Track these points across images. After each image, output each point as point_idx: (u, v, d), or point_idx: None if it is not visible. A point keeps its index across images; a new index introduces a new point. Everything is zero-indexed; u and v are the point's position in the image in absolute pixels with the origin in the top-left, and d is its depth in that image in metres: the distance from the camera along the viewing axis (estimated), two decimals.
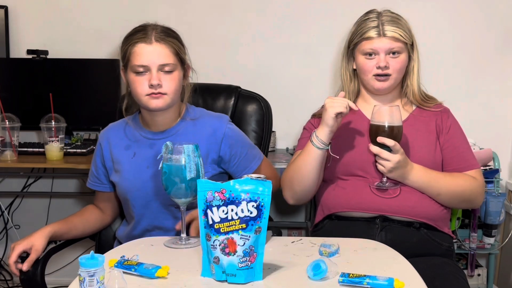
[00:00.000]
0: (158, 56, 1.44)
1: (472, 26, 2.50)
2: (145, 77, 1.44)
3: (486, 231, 2.36)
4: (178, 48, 1.48)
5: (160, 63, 1.44)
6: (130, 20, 1.44)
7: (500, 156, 2.38)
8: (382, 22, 1.63)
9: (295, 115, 2.59)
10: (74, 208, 2.70)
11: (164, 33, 1.47)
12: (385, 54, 1.63)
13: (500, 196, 2.29)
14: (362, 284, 1.09)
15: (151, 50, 1.43)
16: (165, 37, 1.46)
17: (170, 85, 1.46)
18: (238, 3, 2.54)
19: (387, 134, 1.51)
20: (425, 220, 1.60)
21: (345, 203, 1.63)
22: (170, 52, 1.46)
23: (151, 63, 1.43)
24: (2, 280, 2.73)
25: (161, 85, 1.45)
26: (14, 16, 2.58)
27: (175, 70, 1.48)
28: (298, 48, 2.55)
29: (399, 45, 1.63)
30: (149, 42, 1.44)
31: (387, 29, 1.62)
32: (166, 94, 1.46)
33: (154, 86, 1.44)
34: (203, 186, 1.14)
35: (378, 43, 1.62)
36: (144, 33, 1.45)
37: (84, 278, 1.00)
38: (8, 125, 2.25)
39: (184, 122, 1.58)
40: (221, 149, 1.56)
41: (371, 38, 1.62)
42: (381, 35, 1.62)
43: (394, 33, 1.62)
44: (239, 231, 1.11)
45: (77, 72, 2.51)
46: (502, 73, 2.53)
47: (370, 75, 1.66)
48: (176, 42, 1.49)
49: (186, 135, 1.55)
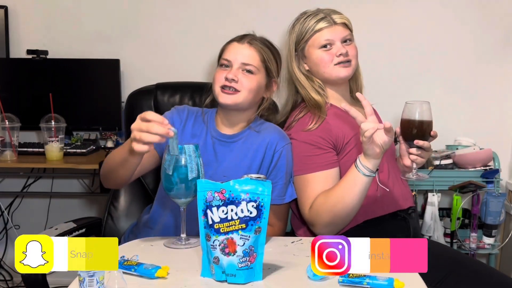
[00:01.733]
0: (243, 55, 1.52)
1: (472, 26, 2.50)
2: (226, 71, 1.52)
3: (486, 231, 2.36)
4: (267, 57, 1.56)
5: (242, 61, 1.52)
6: (130, 20, 1.45)
7: (500, 156, 2.38)
8: (327, 13, 1.62)
9: None
10: (74, 208, 2.70)
11: (259, 41, 1.57)
12: (340, 42, 1.61)
13: (500, 196, 2.29)
14: (362, 284, 1.09)
15: (239, 49, 1.53)
16: (258, 43, 1.55)
17: (246, 84, 1.51)
18: (237, 3, 2.54)
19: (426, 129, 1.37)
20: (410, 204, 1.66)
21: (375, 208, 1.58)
22: (257, 56, 1.54)
23: (234, 59, 1.52)
24: (2, 280, 2.73)
25: (237, 81, 1.51)
26: (14, 16, 2.57)
27: (256, 73, 1.54)
28: None
29: (349, 32, 1.64)
30: (241, 42, 1.55)
31: (335, 17, 1.61)
32: (239, 91, 1.52)
33: (229, 79, 1.50)
34: (203, 186, 1.14)
35: (331, 32, 1.60)
36: (242, 36, 1.57)
37: (84, 278, 1.00)
38: (8, 125, 2.25)
39: (249, 130, 1.59)
40: (273, 159, 1.54)
41: (323, 29, 1.60)
42: (332, 23, 1.60)
43: (343, 19, 1.62)
44: (239, 231, 1.11)
45: (77, 72, 2.50)
46: (502, 73, 2.53)
47: (332, 65, 1.61)
48: (268, 52, 1.56)
49: (247, 144, 1.56)
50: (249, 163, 1.54)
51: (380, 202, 1.59)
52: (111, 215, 1.84)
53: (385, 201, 1.59)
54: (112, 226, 1.83)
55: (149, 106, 1.92)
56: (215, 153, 1.58)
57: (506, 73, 2.53)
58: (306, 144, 1.55)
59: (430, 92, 2.00)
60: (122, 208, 1.86)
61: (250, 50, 1.53)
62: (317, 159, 1.53)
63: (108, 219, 1.84)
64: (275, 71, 1.60)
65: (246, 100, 1.53)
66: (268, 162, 1.54)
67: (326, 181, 1.51)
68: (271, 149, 1.54)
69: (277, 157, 1.54)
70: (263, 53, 1.55)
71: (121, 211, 1.86)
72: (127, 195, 1.89)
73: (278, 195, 1.55)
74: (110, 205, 1.86)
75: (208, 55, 2.50)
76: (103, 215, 1.86)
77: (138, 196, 1.90)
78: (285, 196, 1.56)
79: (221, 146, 1.58)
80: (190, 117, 1.61)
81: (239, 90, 1.51)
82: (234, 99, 1.52)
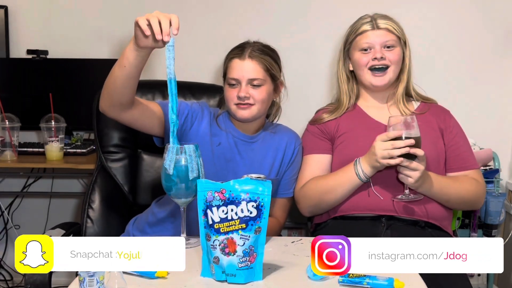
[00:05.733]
0: (248, 71, 1.59)
1: (472, 26, 2.50)
2: (236, 89, 1.60)
3: (486, 231, 2.35)
4: (269, 65, 1.62)
5: (249, 77, 1.58)
6: (130, 20, 1.45)
7: (500, 156, 2.38)
8: (374, 18, 1.68)
9: (295, 116, 2.59)
10: (74, 208, 2.70)
11: (259, 51, 1.62)
12: (380, 47, 1.64)
13: (500, 196, 2.29)
14: (362, 284, 1.09)
15: (243, 65, 1.59)
16: (258, 55, 1.61)
17: (257, 97, 1.60)
18: (237, 3, 2.54)
19: (414, 144, 1.45)
20: (431, 220, 1.60)
21: (353, 205, 1.62)
22: (260, 68, 1.60)
23: (241, 76, 1.59)
24: (2, 280, 2.73)
25: (249, 97, 1.59)
26: (14, 16, 2.57)
27: (264, 84, 1.61)
28: (297, 48, 2.55)
29: (393, 37, 1.66)
30: (242, 58, 1.60)
31: (380, 22, 1.66)
32: (253, 104, 1.60)
33: (242, 98, 1.58)
34: (203, 186, 1.14)
35: (372, 36, 1.65)
36: (241, 49, 1.62)
37: (84, 278, 1.00)
38: (8, 125, 2.25)
39: (264, 132, 1.70)
40: (293, 156, 1.69)
41: (365, 32, 1.65)
42: (374, 27, 1.65)
43: (387, 25, 1.66)
44: (239, 231, 1.11)
45: (77, 72, 2.50)
46: (502, 73, 2.52)
47: (366, 69, 1.66)
48: (268, 59, 1.62)
49: (266, 143, 1.68)
50: (272, 161, 1.67)
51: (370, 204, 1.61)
52: (90, 218, 1.83)
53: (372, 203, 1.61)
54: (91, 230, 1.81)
55: None
56: (238, 151, 1.65)
57: (506, 73, 2.52)
58: (308, 132, 1.77)
59: (430, 92, 2.00)
60: (98, 211, 1.83)
61: (253, 63, 1.59)
62: (313, 144, 1.72)
63: (87, 222, 1.82)
64: (278, 73, 1.67)
65: (260, 110, 1.63)
66: (289, 159, 1.69)
67: (318, 165, 1.69)
68: (291, 147, 1.69)
69: (296, 153, 1.70)
70: (265, 63, 1.61)
71: (99, 213, 1.83)
72: (102, 196, 1.86)
73: (288, 188, 1.70)
74: (88, 208, 1.84)
75: (208, 55, 2.50)
76: (82, 219, 1.83)
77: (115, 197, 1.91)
78: (292, 189, 1.71)
79: (243, 146, 1.66)
80: (208, 114, 1.66)
81: (253, 104, 1.60)
82: (251, 113, 1.61)
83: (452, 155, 1.67)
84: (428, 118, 1.70)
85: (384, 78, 1.66)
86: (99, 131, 1.93)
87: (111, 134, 1.92)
